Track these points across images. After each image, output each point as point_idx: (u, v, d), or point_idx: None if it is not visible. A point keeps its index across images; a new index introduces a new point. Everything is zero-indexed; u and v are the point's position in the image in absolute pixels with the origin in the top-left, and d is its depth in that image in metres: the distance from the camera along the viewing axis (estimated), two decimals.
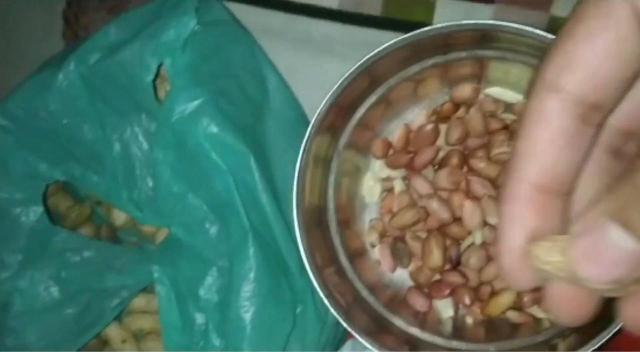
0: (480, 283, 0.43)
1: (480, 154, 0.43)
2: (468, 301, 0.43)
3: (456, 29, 0.37)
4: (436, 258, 0.42)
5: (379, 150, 0.45)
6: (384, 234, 0.45)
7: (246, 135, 0.40)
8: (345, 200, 0.45)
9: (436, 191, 0.43)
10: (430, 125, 0.44)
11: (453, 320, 0.44)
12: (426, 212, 0.43)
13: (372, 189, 0.46)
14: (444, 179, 0.43)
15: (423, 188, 0.43)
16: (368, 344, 0.38)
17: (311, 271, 0.38)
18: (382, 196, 0.46)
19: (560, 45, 0.18)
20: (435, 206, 0.43)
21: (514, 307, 0.43)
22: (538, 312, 0.42)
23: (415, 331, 0.42)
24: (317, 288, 0.38)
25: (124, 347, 0.46)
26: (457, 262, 0.43)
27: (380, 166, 0.46)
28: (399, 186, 0.45)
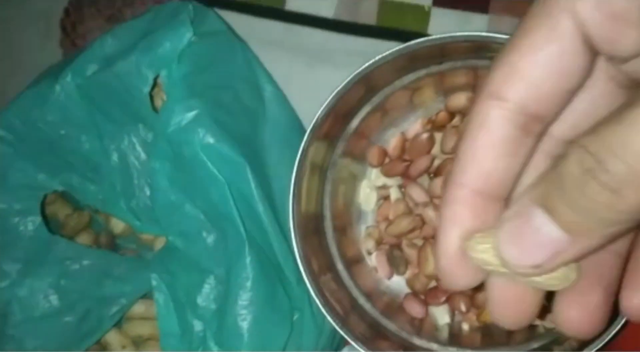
0: (476, 290, 0.44)
1: None
2: (464, 307, 0.43)
3: (450, 41, 0.37)
4: (432, 265, 0.43)
5: (375, 158, 0.45)
6: (380, 242, 0.45)
7: (242, 145, 0.40)
8: (341, 208, 0.45)
9: (432, 199, 0.44)
10: (426, 134, 0.44)
11: (449, 327, 0.44)
12: (422, 220, 0.43)
13: (368, 197, 0.46)
14: (439, 187, 0.43)
15: (419, 196, 0.44)
16: (365, 351, 0.38)
17: (308, 278, 0.39)
18: (378, 203, 0.46)
19: (506, 56, 0.18)
20: (431, 214, 0.43)
21: None
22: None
23: (412, 337, 0.42)
24: (314, 296, 0.38)
25: None
26: None
27: (377, 174, 0.46)
28: (395, 193, 0.45)
